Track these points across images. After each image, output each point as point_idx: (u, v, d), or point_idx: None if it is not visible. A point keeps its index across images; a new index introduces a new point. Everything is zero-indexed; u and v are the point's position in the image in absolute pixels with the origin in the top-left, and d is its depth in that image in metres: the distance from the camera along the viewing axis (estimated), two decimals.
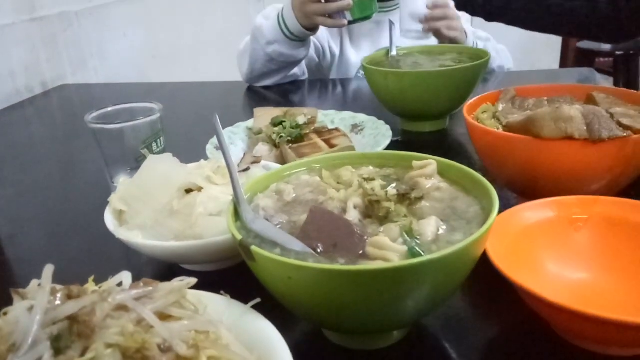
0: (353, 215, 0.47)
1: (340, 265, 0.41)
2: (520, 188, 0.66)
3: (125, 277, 0.37)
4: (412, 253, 0.42)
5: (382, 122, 0.94)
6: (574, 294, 0.52)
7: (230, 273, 0.62)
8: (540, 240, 0.54)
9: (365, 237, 0.43)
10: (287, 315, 0.47)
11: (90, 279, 0.38)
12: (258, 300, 0.42)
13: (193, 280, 0.37)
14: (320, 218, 0.45)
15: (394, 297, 0.40)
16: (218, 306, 0.42)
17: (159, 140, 0.80)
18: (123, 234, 0.58)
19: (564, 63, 2.99)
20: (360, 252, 0.43)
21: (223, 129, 0.96)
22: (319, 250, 0.43)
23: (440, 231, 0.45)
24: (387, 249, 0.42)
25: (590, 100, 0.67)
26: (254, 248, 0.42)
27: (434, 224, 0.45)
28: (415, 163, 0.54)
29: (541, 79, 1.41)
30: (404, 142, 0.98)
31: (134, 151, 0.78)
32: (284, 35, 1.25)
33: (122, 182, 0.66)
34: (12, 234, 0.77)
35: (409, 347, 0.50)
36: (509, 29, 1.20)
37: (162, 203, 0.61)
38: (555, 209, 0.56)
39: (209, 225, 0.58)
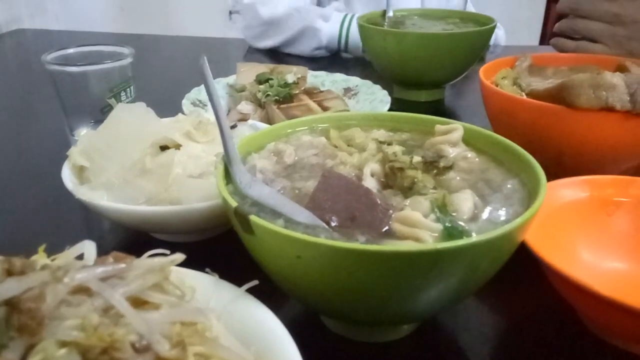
0: (370, 185, 0.39)
1: (366, 245, 0.32)
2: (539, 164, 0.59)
3: (88, 247, 0.28)
4: (449, 233, 0.34)
5: (378, 86, 0.85)
6: (608, 282, 0.45)
7: (209, 246, 0.54)
8: (572, 222, 0.47)
9: (390, 211, 0.35)
10: (279, 299, 0.38)
11: (41, 249, 0.29)
12: (255, 282, 0.34)
13: (180, 257, 0.28)
14: (334, 185, 0.36)
15: (427, 284, 0.33)
16: (203, 288, 0.34)
17: (129, 89, 0.69)
18: (84, 193, 0.48)
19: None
20: (385, 228, 0.35)
21: (200, 84, 0.86)
22: (333, 224, 0.35)
23: (479, 208, 0.37)
24: (419, 227, 0.34)
25: (622, 70, 0.61)
26: (253, 218, 0.33)
27: (470, 198, 0.37)
28: (438, 127, 0.46)
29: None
30: (397, 111, 0.89)
31: (99, 100, 0.67)
32: (338, 47, 1.20)
33: (85, 134, 0.56)
34: None
35: (419, 340, 0.43)
36: (491, 8, 1.12)
37: (132, 159, 0.52)
38: (588, 189, 0.49)
39: (188, 188, 0.49)
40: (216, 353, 0.28)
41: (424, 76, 0.90)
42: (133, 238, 0.55)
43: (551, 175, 0.50)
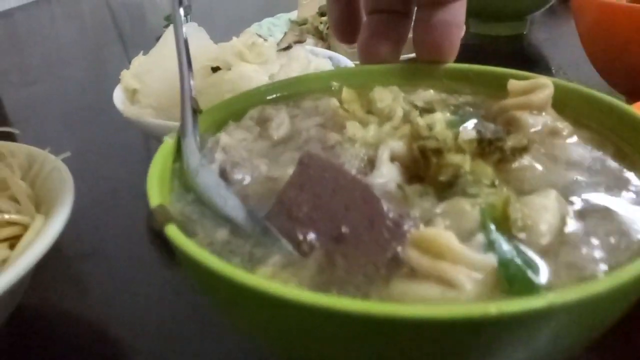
0: (386, 175, 0.24)
1: (341, 299, 0.17)
2: None
3: None
4: (509, 275, 0.18)
5: None
6: None
7: None
8: None
9: (406, 226, 0.20)
10: None
11: None
12: None
13: None
14: (317, 177, 0.22)
15: None
16: None
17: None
18: (131, 112, 0.46)
19: None
20: (391, 255, 0.20)
21: (260, 20, 0.76)
22: (304, 248, 0.20)
23: (569, 222, 0.21)
24: (451, 259, 0.18)
25: None
26: (169, 229, 0.20)
27: (554, 206, 0.21)
28: (512, 84, 0.29)
29: None
30: (472, 47, 0.77)
31: (155, 30, 0.65)
32: None
33: (137, 58, 0.52)
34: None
35: None
36: None
37: None
38: None
39: None
40: None
41: (504, 6, 0.79)
42: None
43: None
